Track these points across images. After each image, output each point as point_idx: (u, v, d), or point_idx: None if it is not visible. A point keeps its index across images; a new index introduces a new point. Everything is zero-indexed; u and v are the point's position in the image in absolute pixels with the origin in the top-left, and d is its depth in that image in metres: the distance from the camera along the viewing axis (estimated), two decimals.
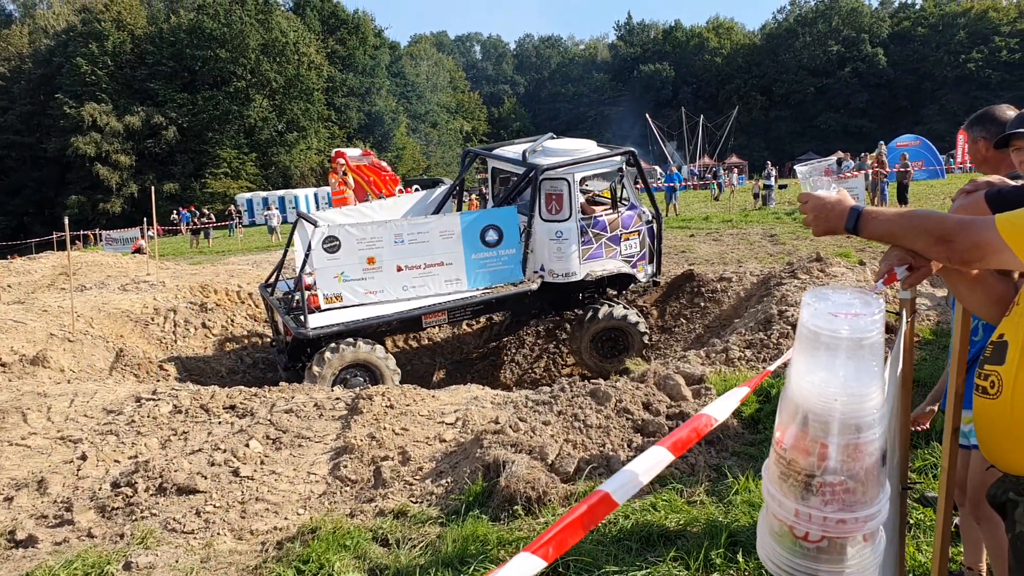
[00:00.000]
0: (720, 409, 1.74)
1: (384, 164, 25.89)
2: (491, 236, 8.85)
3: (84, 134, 50.55)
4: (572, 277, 9.31)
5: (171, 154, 54.59)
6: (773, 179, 26.72)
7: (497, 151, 10.48)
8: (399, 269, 8.55)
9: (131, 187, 52.39)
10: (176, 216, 38.69)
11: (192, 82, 55.72)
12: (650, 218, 9.89)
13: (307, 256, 8.43)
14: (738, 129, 60.94)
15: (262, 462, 5.13)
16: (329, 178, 21.43)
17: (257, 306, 12.09)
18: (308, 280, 8.53)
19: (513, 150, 10.12)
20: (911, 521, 3.52)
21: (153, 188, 15.73)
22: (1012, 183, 2.70)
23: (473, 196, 21.81)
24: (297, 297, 8.64)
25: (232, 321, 11.42)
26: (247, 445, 5.28)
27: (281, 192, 46.10)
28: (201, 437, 5.59)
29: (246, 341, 11.19)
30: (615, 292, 10.35)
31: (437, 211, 10.14)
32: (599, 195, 10.02)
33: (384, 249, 8.45)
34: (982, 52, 71.47)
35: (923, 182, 27.98)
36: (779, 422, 0.94)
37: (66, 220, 11.54)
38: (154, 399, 6.27)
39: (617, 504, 1.13)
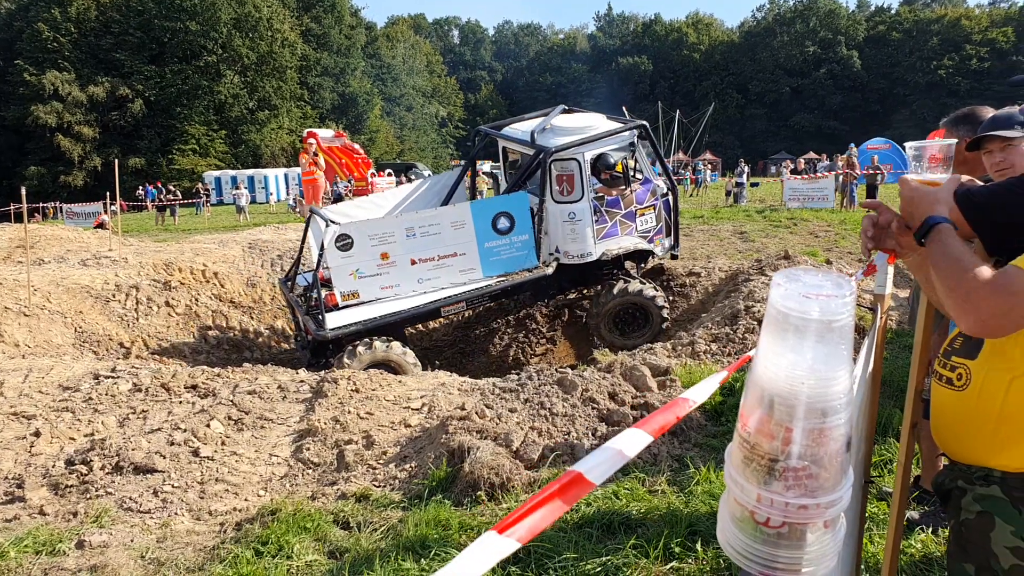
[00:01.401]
0: (700, 393, 1.74)
1: (356, 146, 25.60)
2: (503, 223, 8.78)
3: (45, 103, 49.09)
4: (588, 257, 9.20)
5: (137, 128, 53.33)
6: (745, 177, 27.01)
7: (507, 129, 10.23)
8: (413, 262, 8.49)
9: (94, 160, 51.11)
10: (141, 192, 37.94)
11: (160, 54, 54.41)
12: (665, 191, 9.73)
13: (321, 254, 8.40)
14: (713, 126, 61.39)
15: (223, 443, 5.06)
16: (300, 158, 21.14)
17: (222, 286, 11.91)
18: (325, 274, 8.48)
19: (523, 128, 9.90)
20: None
21: (117, 162, 15.37)
22: (980, 183, 2.74)
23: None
24: (315, 295, 8.56)
25: (197, 300, 11.23)
26: (208, 425, 5.21)
27: (251, 171, 45.37)
28: (161, 416, 5.50)
29: (210, 321, 11.01)
30: (634, 267, 10.20)
31: (451, 194, 10.02)
32: (614, 168, 9.78)
33: (397, 244, 8.38)
34: (953, 59, 72.89)
35: (891, 185, 28.45)
36: (744, 405, 0.94)
37: (23, 191, 11.23)
38: (113, 377, 6.14)
39: (593, 484, 1.12)
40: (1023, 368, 1.55)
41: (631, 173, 9.41)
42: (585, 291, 10.41)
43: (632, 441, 1.14)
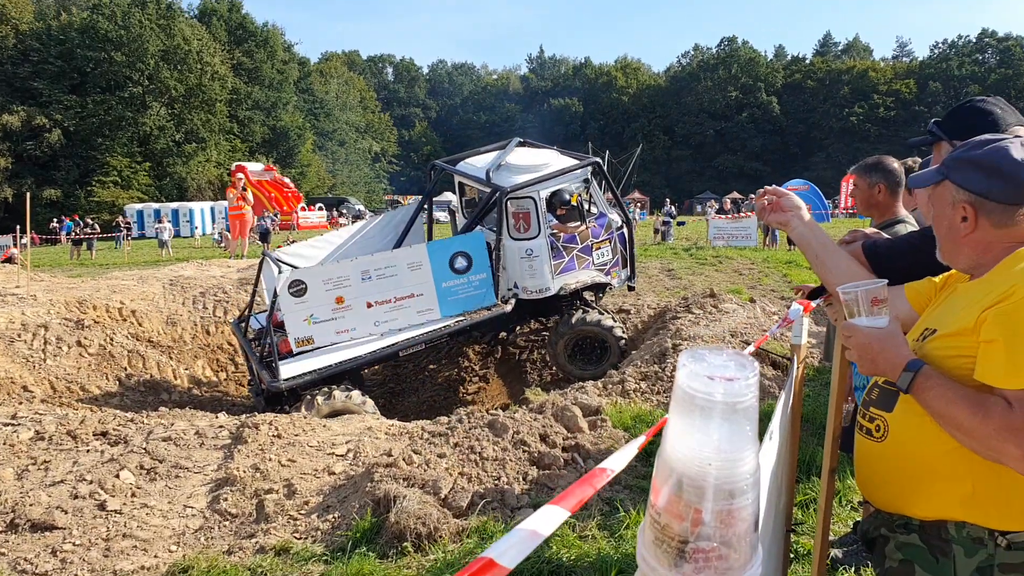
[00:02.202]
0: (618, 461, 1.70)
1: (287, 180, 25.29)
2: (460, 263, 8.71)
3: None
4: (546, 292, 9.19)
5: (54, 158, 51.24)
6: (672, 215, 27.76)
7: (462, 164, 10.20)
8: (369, 306, 8.32)
9: (5, 191, 48.82)
10: (56, 224, 36.37)
11: (82, 84, 52.67)
12: (620, 224, 9.84)
13: (274, 300, 8.18)
14: (641, 166, 63.13)
15: (133, 494, 4.77)
16: (227, 192, 20.69)
17: (140, 325, 11.42)
18: (279, 316, 8.24)
19: (479, 163, 9.90)
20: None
21: (30, 193, 14.66)
22: (885, 235, 2.88)
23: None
24: (268, 343, 8.32)
25: (111, 340, 10.71)
26: (117, 476, 4.91)
27: (175, 204, 44.11)
28: (65, 467, 5.16)
29: (126, 361, 10.50)
30: (591, 297, 10.13)
31: (407, 229, 9.91)
32: (570, 204, 9.79)
33: (352, 287, 8.21)
34: (863, 107, 77.55)
35: None
36: (654, 484, 0.92)
37: None
38: (13, 424, 5.75)
39: (506, 569, 1.06)
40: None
41: (586, 208, 9.54)
42: (544, 321, 10.40)
43: (547, 520, 1.09)
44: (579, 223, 9.37)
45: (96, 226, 30.04)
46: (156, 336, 11.35)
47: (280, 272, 8.20)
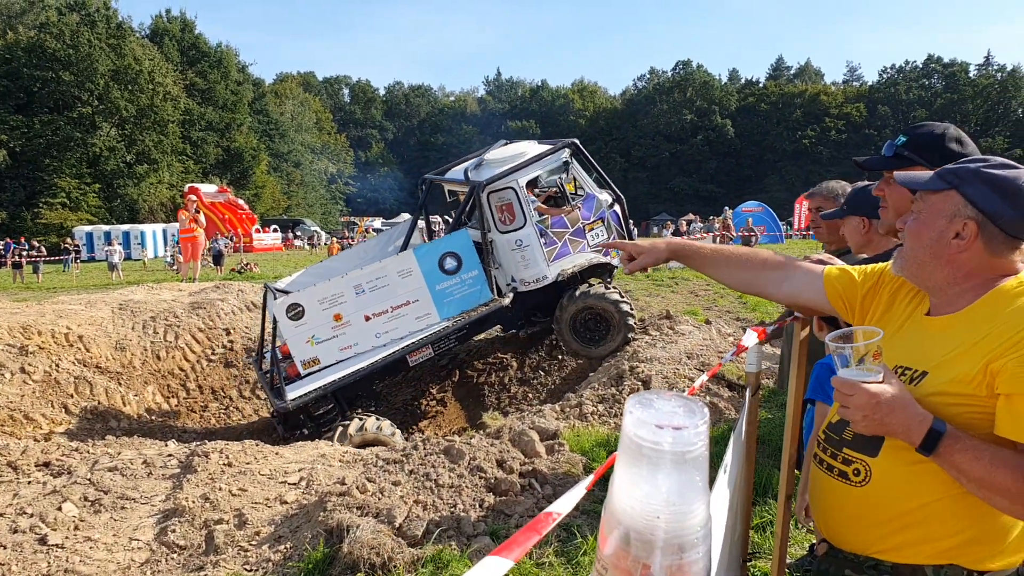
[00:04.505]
0: (565, 504, 1.67)
1: (241, 202, 24.92)
2: (450, 263, 8.72)
3: None
4: (544, 281, 9.15)
5: None
6: (636, 235, 28.01)
7: (450, 172, 10.23)
8: (367, 318, 8.40)
9: None
10: (1, 247, 35.24)
11: (29, 104, 51.21)
12: (611, 202, 9.70)
13: (275, 327, 8.30)
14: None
15: (76, 527, 4.61)
16: (179, 215, 20.28)
17: (88, 350, 11.08)
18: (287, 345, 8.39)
19: (463, 167, 9.92)
20: None
21: None
22: (838, 261, 2.94)
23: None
24: (274, 370, 8.41)
25: (57, 366, 10.36)
26: (60, 508, 4.75)
27: (126, 227, 43.04)
28: (5, 500, 4.97)
29: (72, 388, 10.17)
30: (599, 280, 10.06)
31: (405, 244, 9.88)
32: (553, 190, 9.64)
33: (348, 303, 8.30)
34: (815, 130, 79.74)
35: (765, 246, 30.28)
36: (601, 530, 0.90)
37: None
38: None
39: None
40: (929, 464, 1.50)
41: (570, 191, 9.50)
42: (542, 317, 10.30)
43: (489, 572, 1.05)
44: (565, 207, 9.32)
45: (42, 248, 29.13)
46: (104, 362, 11.02)
47: (276, 299, 8.31)
